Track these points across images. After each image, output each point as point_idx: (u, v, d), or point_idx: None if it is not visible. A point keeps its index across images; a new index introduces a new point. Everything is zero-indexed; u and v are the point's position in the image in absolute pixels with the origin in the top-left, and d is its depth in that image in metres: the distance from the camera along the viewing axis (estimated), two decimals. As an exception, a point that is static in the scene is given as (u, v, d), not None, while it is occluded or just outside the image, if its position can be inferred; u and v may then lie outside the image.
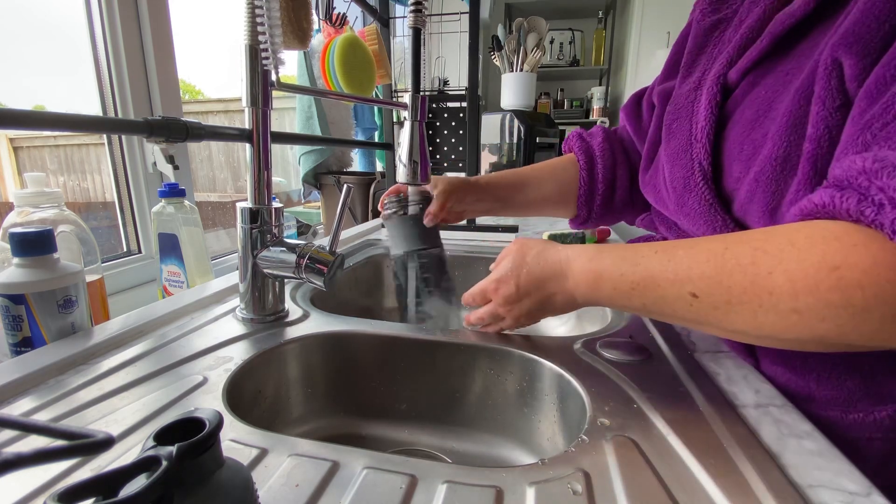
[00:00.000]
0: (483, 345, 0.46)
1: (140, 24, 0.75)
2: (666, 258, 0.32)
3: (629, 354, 0.42)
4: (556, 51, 3.32)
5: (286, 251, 0.48)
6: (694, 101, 0.44)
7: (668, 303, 0.32)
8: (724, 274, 0.29)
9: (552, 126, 2.07)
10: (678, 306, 0.32)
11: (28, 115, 0.34)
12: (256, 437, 0.31)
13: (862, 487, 0.27)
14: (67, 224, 0.52)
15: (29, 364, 0.38)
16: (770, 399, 0.36)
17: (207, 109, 1.74)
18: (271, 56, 0.44)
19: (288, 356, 0.46)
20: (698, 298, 0.30)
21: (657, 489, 0.26)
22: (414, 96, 0.58)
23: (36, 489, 0.25)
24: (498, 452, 0.46)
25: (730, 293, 0.29)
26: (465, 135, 0.97)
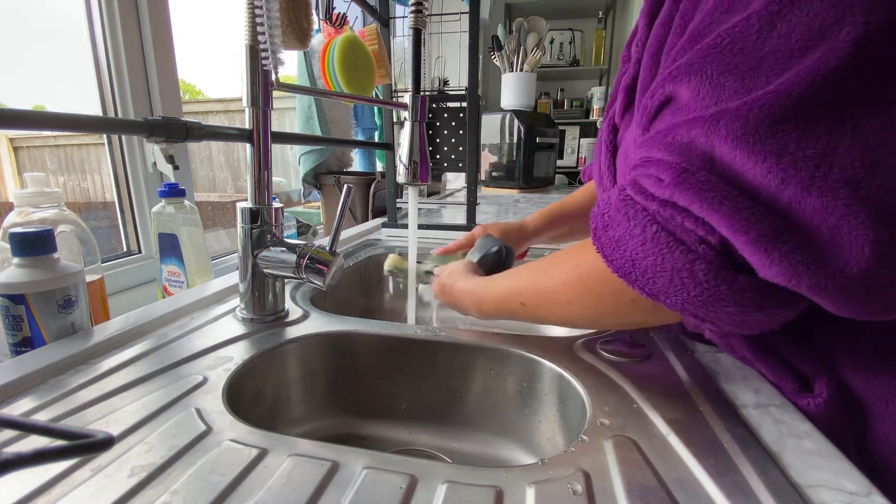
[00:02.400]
0: (483, 345, 0.46)
1: (140, 24, 0.75)
2: (508, 281, 0.45)
3: (629, 354, 0.42)
4: (556, 51, 3.32)
5: (286, 251, 0.48)
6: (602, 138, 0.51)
7: (513, 311, 0.44)
8: (534, 285, 0.42)
9: (552, 126, 2.07)
10: (518, 312, 0.44)
11: (28, 115, 0.34)
12: (256, 437, 0.31)
13: (862, 487, 0.27)
14: (67, 224, 0.52)
15: (29, 364, 0.38)
16: (770, 399, 0.36)
17: (207, 109, 1.74)
18: (271, 56, 0.44)
19: (288, 356, 0.46)
20: (525, 306, 0.42)
21: (657, 489, 0.26)
22: (414, 96, 0.58)
23: (36, 489, 0.25)
24: (498, 452, 0.47)
25: (537, 297, 0.41)
26: (465, 135, 0.97)
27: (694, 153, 0.28)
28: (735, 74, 0.27)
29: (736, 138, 0.25)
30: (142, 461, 0.28)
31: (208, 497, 0.25)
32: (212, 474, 0.27)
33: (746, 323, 0.30)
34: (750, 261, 0.26)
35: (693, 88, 0.29)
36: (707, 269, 0.27)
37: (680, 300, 0.29)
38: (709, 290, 0.28)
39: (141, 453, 0.29)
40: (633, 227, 0.30)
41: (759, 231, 0.25)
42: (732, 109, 0.26)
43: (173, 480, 0.26)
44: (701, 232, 0.27)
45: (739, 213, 0.25)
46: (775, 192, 0.25)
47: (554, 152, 2.08)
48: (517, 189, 1.91)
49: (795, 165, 0.24)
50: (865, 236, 0.23)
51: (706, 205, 0.26)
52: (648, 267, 0.29)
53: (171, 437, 0.30)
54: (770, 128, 0.25)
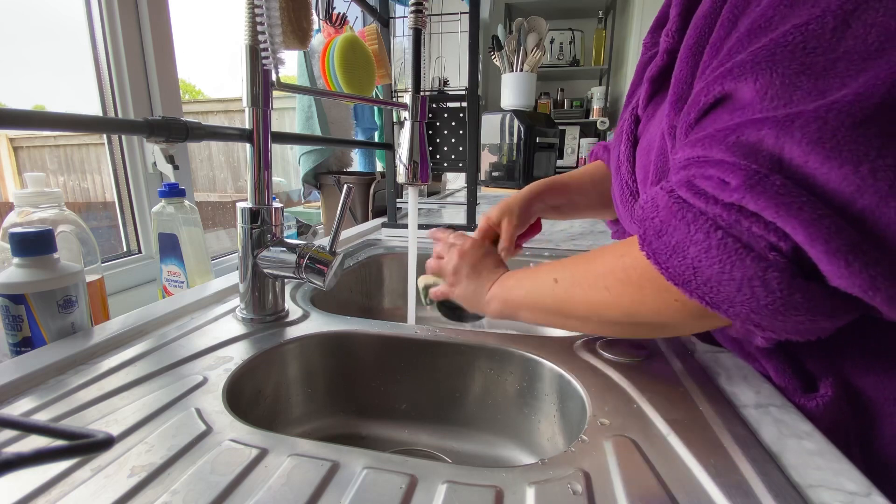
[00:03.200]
0: (483, 345, 0.46)
1: (140, 24, 0.75)
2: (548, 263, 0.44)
3: (629, 354, 0.42)
4: (556, 51, 3.32)
5: (286, 251, 0.48)
6: (623, 128, 0.51)
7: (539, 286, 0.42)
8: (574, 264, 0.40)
9: (552, 126, 2.07)
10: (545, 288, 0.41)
11: (28, 115, 0.34)
12: (256, 437, 0.31)
13: (862, 487, 0.27)
14: (67, 224, 0.52)
15: (29, 364, 0.38)
16: (770, 399, 0.36)
17: (207, 109, 1.74)
18: (271, 56, 0.44)
19: (288, 356, 0.46)
20: (557, 282, 0.40)
21: (657, 489, 0.26)
22: (414, 96, 0.58)
23: (36, 489, 0.25)
24: (498, 452, 0.47)
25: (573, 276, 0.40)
26: (465, 135, 0.97)
27: (761, 155, 0.26)
28: (808, 75, 0.26)
29: (812, 142, 0.24)
30: (142, 461, 0.28)
31: (208, 497, 0.25)
32: (212, 474, 0.27)
33: (812, 330, 0.29)
34: (825, 270, 0.25)
35: (759, 87, 0.27)
36: (781, 278, 0.26)
37: (747, 310, 0.28)
38: (782, 299, 0.26)
39: (141, 453, 0.29)
40: (693, 232, 0.28)
41: (840, 241, 0.24)
42: (810, 111, 0.25)
43: (173, 480, 0.26)
44: (772, 238, 0.26)
45: (820, 221, 0.24)
46: (849, 200, 0.24)
47: (554, 152, 2.08)
48: (517, 189, 1.90)
49: (874, 174, 0.23)
50: None
51: (783, 210, 0.25)
52: (713, 276, 0.28)
53: (171, 437, 0.30)
54: (849, 132, 0.24)
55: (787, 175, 0.26)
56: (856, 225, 0.24)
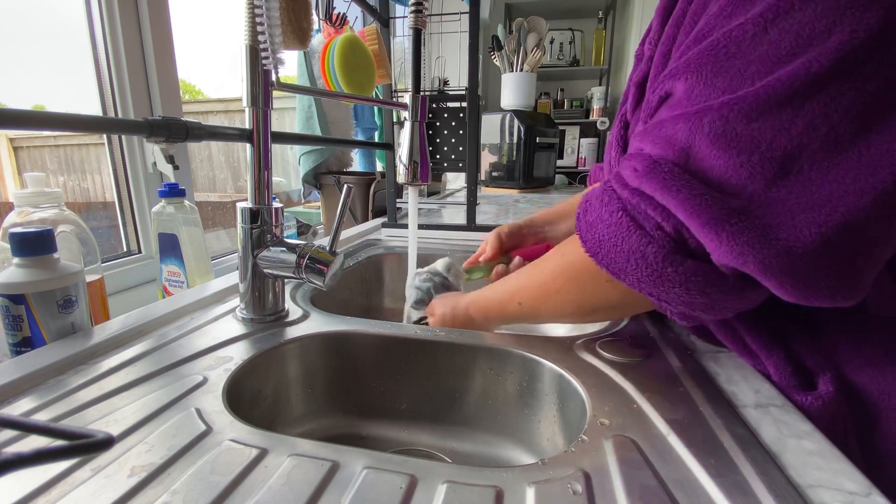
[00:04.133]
0: (483, 345, 0.46)
1: (140, 24, 0.75)
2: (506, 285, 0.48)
3: (629, 354, 0.42)
4: (556, 51, 3.32)
5: (286, 251, 0.48)
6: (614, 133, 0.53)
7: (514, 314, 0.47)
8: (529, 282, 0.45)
9: (552, 126, 2.07)
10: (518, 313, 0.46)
11: (28, 115, 0.34)
12: (256, 437, 0.31)
13: (861, 487, 0.27)
14: (67, 224, 0.52)
15: (29, 364, 0.38)
16: (770, 399, 0.36)
17: (207, 109, 1.74)
18: (271, 56, 0.44)
19: (288, 356, 0.46)
20: (522, 305, 0.45)
21: (657, 489, 0.26)
22: (414, 96, 0.58)
23: (36, 489, 0.25)
24: (498, 452, 0.46)
25: (531, 294, 0.44)
26: (465, 135, 0.97)
27: (675, 146, 0.30)
28: (726, 75, 0.28)
29: (716, 135, 0.28)
30: (142, 461, 0.28)
31: (208, 497, 0.25)
32: (212, 474, 0.27)
33: (694, 305, 0.32)
34: (704, 243, 0.29)
35: (688, 86, 0.30)
36: (657, 252, 0.30)
37: (636, 279, 0.32)
38: (657, 272, 0.31)
39: (141, 453, 0.29)
40: (603, 212, 0.33)
41: (709, 214, 0.27)
42: (716, 107, 0.28)
43: (173, 480, 0.26)
44: (659, 218, 0.30)
45: (693, 199, 0.28)
46: (742, 185, 0.27)
47: (554, 152, 2.08)
48: (517, 189, 1.91)
49: (763, 164, 0.27)
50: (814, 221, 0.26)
51: (667, 192, 0.29)
52: (611, 248, 0.33)
53: (171, 437, 0.30)
54: (747, 126, 0.27)
55: (688, 164, 0.29)
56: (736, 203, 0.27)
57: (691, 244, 0.30)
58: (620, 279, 0.33)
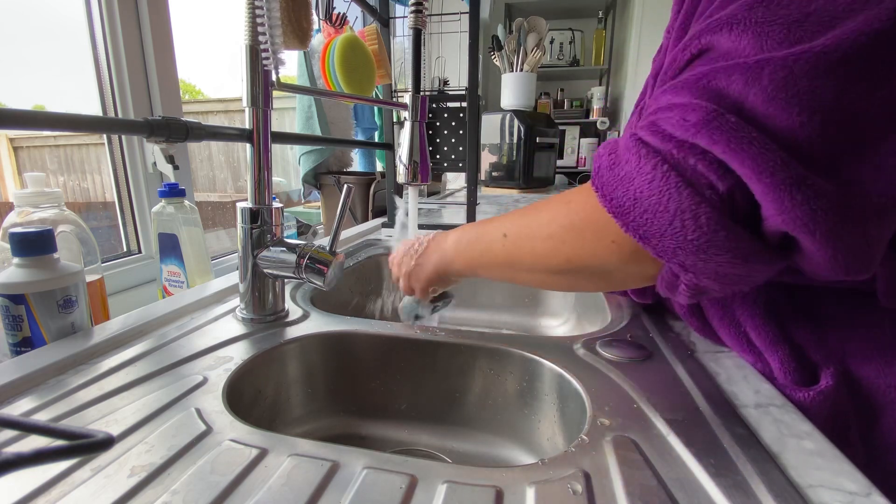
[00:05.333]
0: (483, 345, 0.46)
1: (140, 24, 0.75)
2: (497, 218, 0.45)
3: (629, 354, 0.42)
4: (556, 51, 3.32)
5: (286, 251, 0.48)
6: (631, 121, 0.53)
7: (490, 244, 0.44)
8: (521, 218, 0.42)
9: (552, 126, 2.06)
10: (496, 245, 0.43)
11: (28, 115, 0.34)
12: (256, 437, 0.31)
13: (861, 487, 0.27)
14: (67, 224, 0.52)
15: (29, 364, 0.38)
16: (770, 399, 0.36)
17: (207, 109, 1.74)
18: (271, 56, 0.44)
19: (288, 356, 0.46)
20: (506, 237, 0.42)
21: (657, 489, 0.26)
22: (414, 96, 0.58)
23: (36, 489, 0.25)
24: (498, 452, 0.47)
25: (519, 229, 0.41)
26: (465, 135, 0.97)
27: (727, 99, 0.27)
28: (780, 25, 0.27)
29: (776, 88, 0.26)
30: (142, 461, 0.28)
31: (208, 497, 0.25)
32: (212, 474, 0.27)
33: (728, 277, 0.30)
34: (766, 205, 0.27)
35: (734, 38, 0.28)
36: (710, 213, 0.27)
37: (673, 244, 0.29)
38: (707, 235, 0.28)
39: (141, 453, 0.29)
40: (642, 164, 0.29)
41: (786, 174, 0.25)
42: (779, 59, 0.26)
43: (173, 480, 0.26)
44: (713, 177, 0.27)
45: (767, 154, 0.25)
46: (803, 143, 0.25)
47: (554, 152, 2.08)
48: (517, 189, 1.91)
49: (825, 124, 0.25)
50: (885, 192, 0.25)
51: (733, 145, 0.26)
52: (651, 206, 0.29)
53: (171, 437, 0.30)
54: (810, 83, 0.25)
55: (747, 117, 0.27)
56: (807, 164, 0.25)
57: (743, 209, 0.28)
58: (649, 244, 0.30)
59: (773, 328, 0.39)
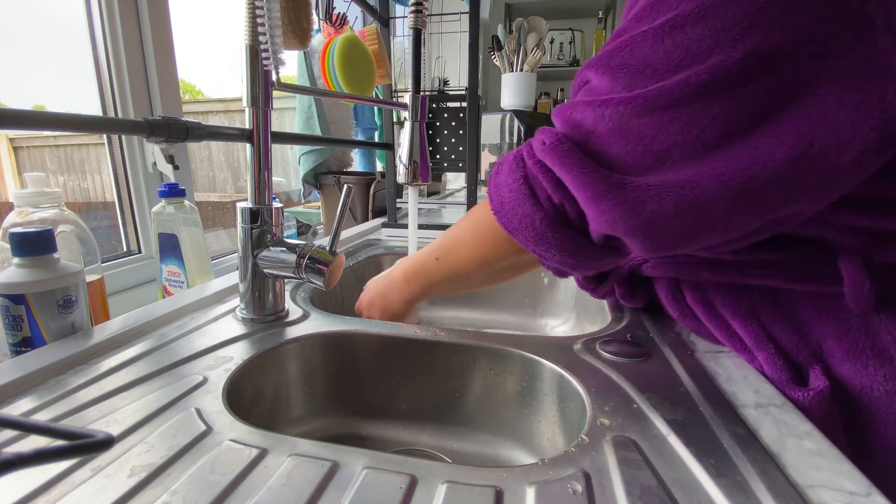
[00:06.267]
0: (483, 345, 0.46)
1: (140, 24, 0.75)
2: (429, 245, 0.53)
3: (629, 354, 0.42)
4: (556, 51, 3.31)
5: (286, 251, 0.48)
6: None
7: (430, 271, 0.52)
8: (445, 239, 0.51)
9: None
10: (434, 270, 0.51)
11: (28, 115, 0.34)
12: (256, 437, 0.31)
13: (861, 487, 0.27)
14: (67, 224, 0.52)
15: (29, 364, 0.38)
16: (770, 399, 0.36)
17: (207, 109, 1.74)
18: (272, 56, 0.44)
19: (288, 356, 0.46)
20: (439, 260, 0.51)
21: (657, 489, 0.26)
22: (414, 96, 0.58)
23: (36, 489, 0.25)
24: (498, 452, 0.47)
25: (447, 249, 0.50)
26: (465, 135, 0.97)
27: (581, 129, 0.35)
28: (626, 72, 0.33)
29: (613, 125, 0.33)
30: (142, 461, 0.28)
31: (208, 497, 0.25)
32: (212, 474, 0.27)
33: (564, 263, 0.40)
34: (586, 212, 0.35)
35: (598, 77, 0.35)
36: (543, 219, 0.37)
37: (524, 237, 0.39)
38: (541, 234, 0.37)
39: (141, 453, 0.29)
40: (509, 177, 0.39)
41: (594, 189, 0.33)
42: (615, 102, 0.33)
43: (173, 480, 0.26)
44: (550, 190, 0.36)
45: (584, 175, 0.33)
46: (626, 168, 0.33)
47: (554, 152, 2.07)
48: (517, 189, 1.91)
49: (644, 154, 0.32)
50: (673, 199, 0.31)
51: (563, 167, 0.34)
52: (509, 210, 0.39)
53: (171, 437, 0.30)
54: (637, 121, 0.32)
55: (586, 145, 0.34)
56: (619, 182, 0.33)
57: (571, 216, 0.36)
58: (514, 237, 0.40)
59: (757, 327, 0.41)
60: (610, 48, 0.35)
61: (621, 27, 0.36)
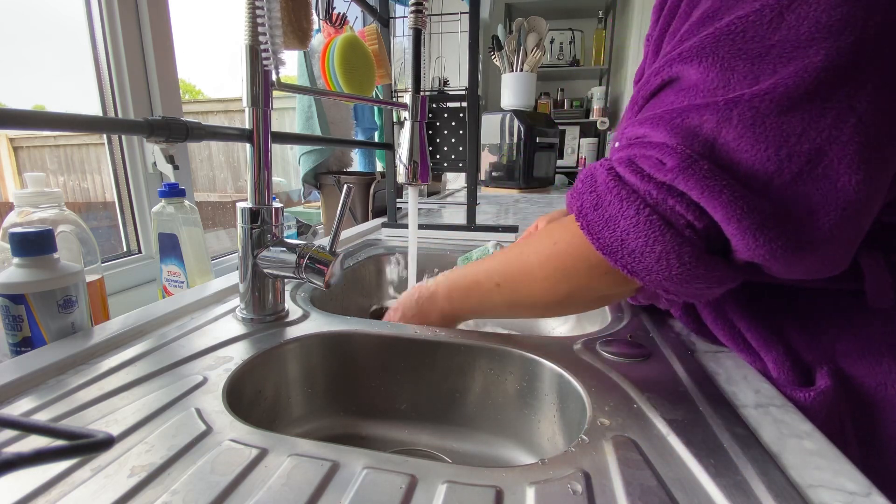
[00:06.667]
0: (483, 345, 0.46)
1: (140, 24, 0.75)
2: (483, 265, 0.46)
3: (629, 354, 0.42)
4: (556, 51, 3.32)
5: (286, 251, 0.48)
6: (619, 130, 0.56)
7: (486, 294, 0.45)
8: (509, 265, 0.43)
9: (552, 126, 2.06)
10: (493, 295, 0.44)
11: (28, 115, 0.34)
12: (256, 437, 0.31)
13: (862, 487, 0.27)
14: (67, 224, 0.52)
15: (29, 364, 0.38)
16: (770, 399, 0.36)
17: (207, 109, 1.74)
18: (272, 56, 0.44)
19: (288, 356, 0.46)
20: (500, 286, 0.43)
21: (657, 489, 0.26)
22: (414, 96, 0.58)
23: (36, 489, 0.25)
24: (498, 452, 0.47)
25: (512, 277, 0.42)
26: (465, 135, 0.97)
27: (698, 138, 0.29)
28: (745, 60, 0.28)
29: (745, 127, 0.27)
30: (142, 461, 0.28)
31: (208, 497, 0.25)
32: (212, 474, 0.27)
33: (705, 295, 0.34)
34: (735, 243, 0.29)
35: (703, 71, 0.30)
36: (692, 253, 0.30)
37: (660, 278, 0.32)
38: (690, 271, 0.30)
39: (141, 453, 0.29)
40: (625, 208, 0.31)
41: (751, 220, 0.28)
42: (746, 98, 0.27)
43: (173, 480, 0.26)
44: (690, 217, 0.29)
45: (736, 202, 0.27)
46: (768, 179, 0.28)
47: (554, 152, 2.08)
48: (517, 189, 1.91)
49: (790, 157, 0.27)
50: (830, 218, 0.27)
51: (707, 192, 0.28)
52: (638, 248, 0.31)
53: (171, 437, 0.30)
54: (776, 119, 0.27)
55: (715, 158, 0.29)
56: (769, 204, 0.28)
57: (716, 241, 0.30)
58: (639, 278, 0.32)
59: (766, 328, 0.40)
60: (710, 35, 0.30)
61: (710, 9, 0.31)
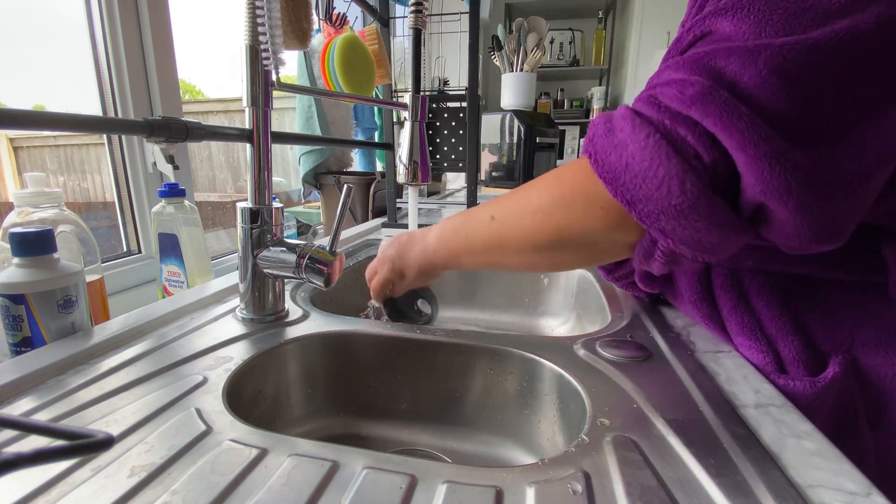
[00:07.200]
0: (483, 345, 0.46)
1: (140, 24, 0.75)
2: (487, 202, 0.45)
3: (629, 354, 0.42)
4: (556, 51, 3.32)
5: (286, 251, 0.48)
6: None
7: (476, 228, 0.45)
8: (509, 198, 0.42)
9: (552, 126, 2.06)
10: (483, 228, 0.44)
11: (28, 115, 0.34)
12: (256, 437, 0.31)
13: (862, 487, 0.27)
14: (67, 224, 0.52)
15: (29, 364, 0.38)
16: (770, 399, 0.36)
17: (207, 109, 1.74)
18: (272, 56, 0.44)
19: (288, 356, 0.46)
20: (493, 219, 0.43)
21: (657, 489, 0.26)
22: (414, 96, 0.58)
23: (36, 489, 0.25)
24: (498, 452, 0.47)
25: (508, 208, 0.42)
26: (465, 135, 0.97)
27: (723, 77, 0.29)
28: (779, 15, 0.29)
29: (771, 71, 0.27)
30: (142, 461, 0.28)
31: (208, 497, 0.25)
32: (212, 474, 0.27)
33: (702, 243, 0.32)
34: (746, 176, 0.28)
35: (736, 23, 0.30)
36: (695, 181, 0.29)
37: (657, 208, 0.30)
38: (690, 201, 0.29)
39: (141, 453, 0.29)
40: (636, 132, 0.31)
41: (767, 147, 0.27)
42: (776, 46, 0.27)
43: (173, 480, 0.26)
44: (700, 148, 0.29)
45: (753, 128, 0.27)
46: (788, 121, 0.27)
47: (554, 152, 2.08)
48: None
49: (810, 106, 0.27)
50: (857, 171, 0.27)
51: (724, 119, 0.28)
52: (641, 171, 0.30)
53: (171, 437, 0.30)
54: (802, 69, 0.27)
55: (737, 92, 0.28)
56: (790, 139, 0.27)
57: (722, 179, 0.29)
58: (635, 208, 0.31)
59: (788, 316, 0.40)
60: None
61: None
